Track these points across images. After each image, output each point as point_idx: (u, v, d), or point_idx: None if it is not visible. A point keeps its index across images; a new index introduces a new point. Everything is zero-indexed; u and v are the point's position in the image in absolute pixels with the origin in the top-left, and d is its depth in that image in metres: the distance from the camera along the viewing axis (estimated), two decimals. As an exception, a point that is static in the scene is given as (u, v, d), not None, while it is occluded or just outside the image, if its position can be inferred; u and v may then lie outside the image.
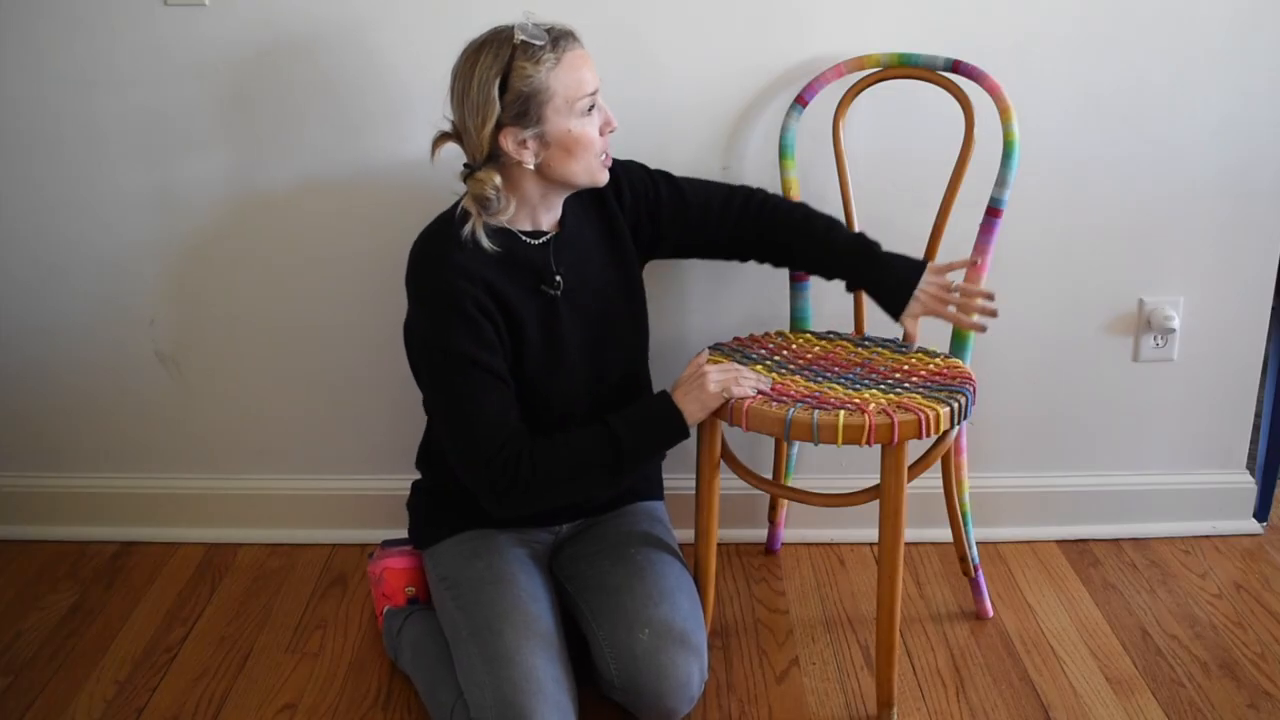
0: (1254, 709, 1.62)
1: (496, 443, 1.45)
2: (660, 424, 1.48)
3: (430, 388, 1.53)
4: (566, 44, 1.43)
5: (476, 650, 1.46)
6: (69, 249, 1.91)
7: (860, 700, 1.66)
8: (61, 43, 1.78)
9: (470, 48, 1.44)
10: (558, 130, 1.43)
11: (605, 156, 1.51)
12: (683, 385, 1.50)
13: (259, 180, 1.86)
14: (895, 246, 1.84)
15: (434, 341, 1.47)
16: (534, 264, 1.53)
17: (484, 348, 1.46)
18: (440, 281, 1.46)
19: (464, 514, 1.65)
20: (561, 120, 1.43)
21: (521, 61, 1.39)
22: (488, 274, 1.47)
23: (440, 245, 1.49)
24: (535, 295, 1.53)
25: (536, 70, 1.40)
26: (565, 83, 1.42)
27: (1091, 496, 2.04)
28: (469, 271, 1.46)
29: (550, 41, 1.41)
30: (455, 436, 1.49)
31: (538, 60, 1.40)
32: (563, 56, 1.41)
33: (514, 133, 1.42)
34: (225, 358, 1.98)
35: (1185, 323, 1.94)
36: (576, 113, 1.44)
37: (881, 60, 1.72)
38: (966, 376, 1.57)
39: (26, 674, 1.73)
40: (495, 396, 1.47)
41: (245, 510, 2.07)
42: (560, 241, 1.55)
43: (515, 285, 1.50)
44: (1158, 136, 1.84)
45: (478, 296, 1.46)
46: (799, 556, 2.02)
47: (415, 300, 1.52)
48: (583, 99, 1.44)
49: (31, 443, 2.06)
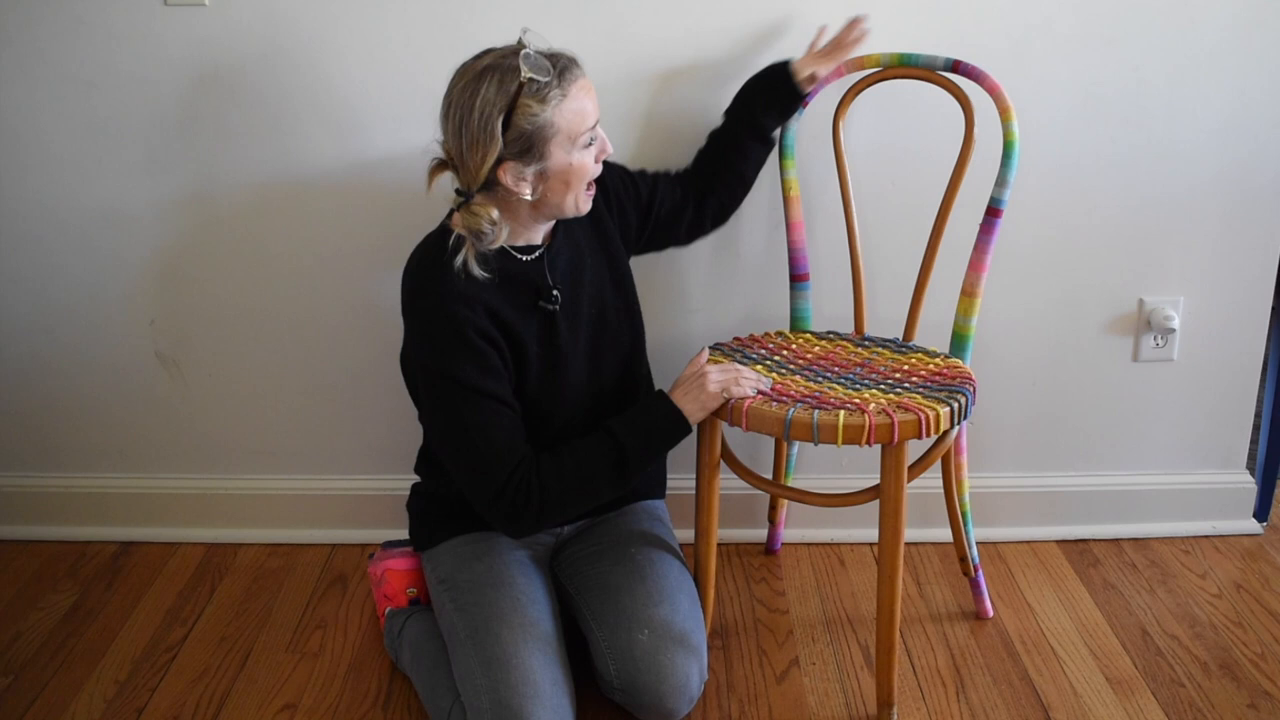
0: (1254, 709, 1.62)
1: (506, 471, 1.45)
2: (662, 426, 1.49)
3: (435, 416, 1.49)
4: (570, 76, 1.39)
5: (474, 652, 1.46)
6: (69, 249, 1.91)
7: (860, 700, 1.66)
8: (62, 43, 1.78)
9: (469, 75, 1.38)
10: (559, 165, 1.41)
11: (590, 185, 1.49)
12: (682, 385, 1.51)
13: (259, 180, 1.86)
14: (896, 246, 1.85)
15: (439, 372, 1.44)
16: (530, 281, 1.51)
17: (490, 376, 1.45)
18: (442, 311, 1.44)
19: (463, 516, 1.64)
20: (563, 155, 1.41)
21: (527, 99, 1.35)
22: (487, 298, 1.45)
23: (437, 273, 1.45)
24: (534, 312, 1.52)
25: (543, 109, 1.36)
26: (570, 119, 1.39)
27: (1091, 496, 2.04)
28: (468, 298, 1.44)
29: (556, 75, 1.37)
30: (464, 467, 1.47)
31: (544, 99, 1.36)
32: (568, 90, 1.38)
33: (514, 168, 1.40)
34: (225, 358, 1.98)
35: (1185, 323, 1.94)
36: (579, 146, 1.42)
37: (881, 60, 1.72)
38: (966, 376, 1.57)
39: (26, 674, 1.73)
40: (503, 424, 1.46)
41: (245, 510, 2.07)
42: (552, 254, 1.54)
43: (513, 306, 1.49)
44: (1158, 136, 1.84)
45: (479, 323, 1.44)
46: (799, 556, 2.02)
47: (417, 332, 1.48)
48: (585, 133, 1.42)
49: (31, 442, 2.06)
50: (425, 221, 1.58)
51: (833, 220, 1.82)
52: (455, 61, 1.41)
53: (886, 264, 1.86)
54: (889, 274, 1.86)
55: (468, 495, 1.49)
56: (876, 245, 1.85)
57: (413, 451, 1.77)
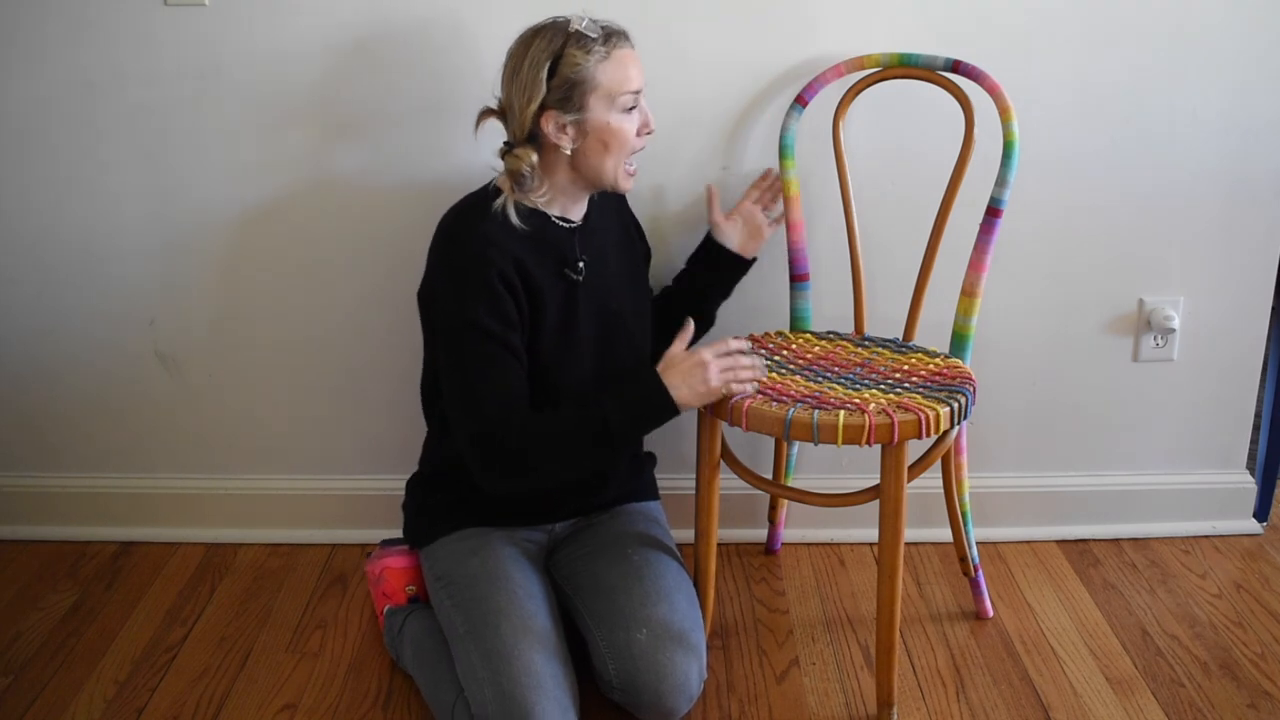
0: (1254, 709, 1.62)
1: (496, 415, 1.47)
2: (650, 407, 1.48)
3: (444, 351, 1.53)
4: (618, 41, 1.48)
5: (475, 647, 1.46)
6: (69, 249, 1.91)
7: (860, 700, 1.66)
8: (62, 43, 1.78)
9: (527, 32, 1.49)
10: (598, 121, 1.47)
11: (633, 166, 1.54)
12: (678, 369, 1.49)
13: (259, 180, 1.86)
14: (896, 246, 1.85)
15: (456, 311, 1.48)
16: (560, 247, 1.55)
17: (503, 322, 1.48)
18: (470, 251, 1.48)
19: (459, 512, 1.65)
20: (602, 112, 1.47)
21: (573, 49, 1.45)
22: (516, 249, 1.50)
23: (473, 217, 1.52)
24: (559, 279, 1.55)
25: (586, 59, 1.44)
26: (611, 76, 1.46)
27: (1091, 496, 2.04)
28: (499, 244, 1.49)
29: (603, 36, 1.46)
30: (461, 404, 1.50)
31: (588, 50, 1.45)
32: (613, 52, 1.46)
33: (555, 116, 1.47)
34: (225, 358, 1.98)
35: (1185, 323, 1.94)
36: (618, 107, 1.48)
37: (881, 60, 1.72)
38: (966, 376, 1.57)
39: (26, 674, 1.73)
40: (506, 372, 1.49)
41: (245, 510, 2.07)
42: (585, 230, 1.59)
43: (541, 266, 1.53)
44: (1158, 136, 1.84)
45: (504, 270, 1.48)
46: (799, 556, 2.02)
47: (441, 268, 1.53)
48: (625, 95, 1.48)
49: (31, 443, 2.06)
50: (426, 222, 1.58)
51: (833, 220, 1.82)
52: (456, 61, 1.42)
53: (886, 264, 1.86)
54: (889, 274, 1.86)
55: (455, 432, 1.52)
56: (876, 245, 1.85)
57: (413, 451, 1.77)
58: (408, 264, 1.77)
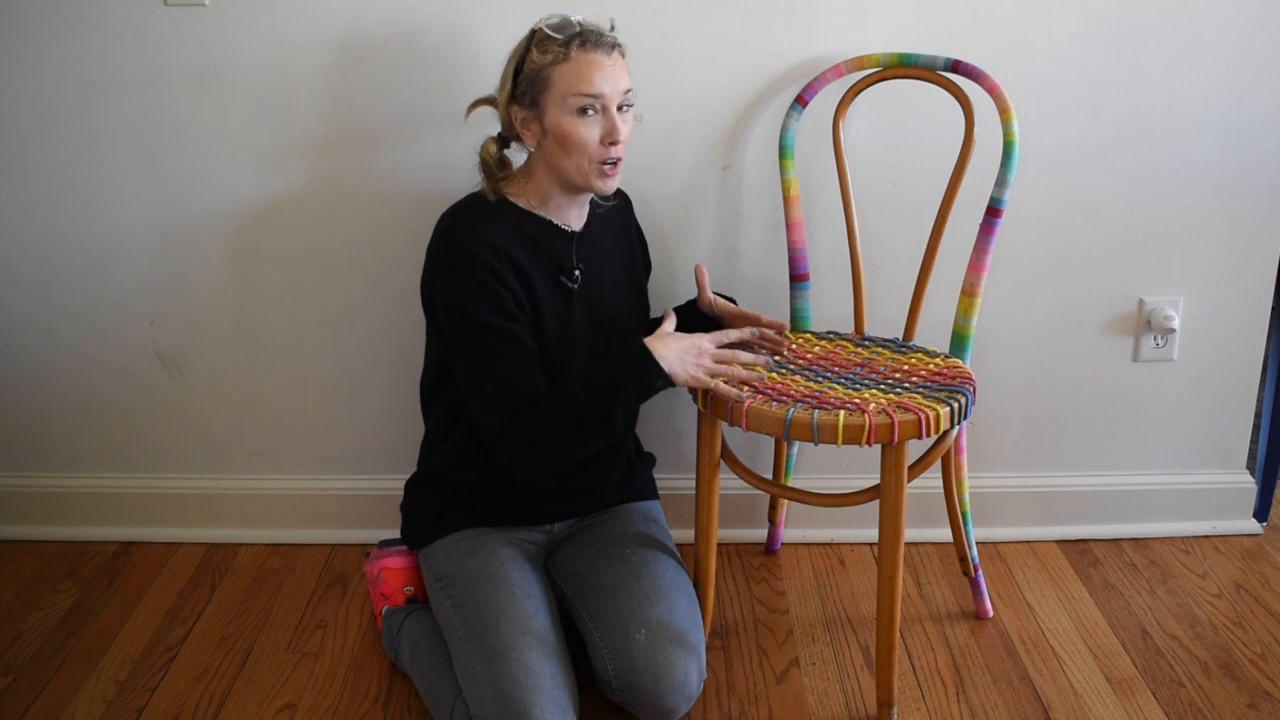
0: (1254, 709, 1.62)
1: (510, 405, 1.47)
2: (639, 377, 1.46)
3: (453, 350, 1.54)
4: (586, 45, 1.47)
5: (474, 647, 1.46)
6: (69, 249, 1.91)
7: (860, 700, 1.66)
8: (61, 43, 1.78)
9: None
10: (551, 121, 1.49)
11: (607, 166, 1.51)
12: (671, 346, 1.47)
13: (259, 180, 1.86)
14: (896, 247, 1.85)
15: (458, 308, 1.50)
16: (557, 253, 1.56)
17: (505, 315, 1.49)
18: (463, 248, 1.49)
19: (458, 513, 1.65)
20: (555, 112, 1.48)
21: (534, 48, 1.48)
22: (513, 250, 1.51)
23: (469, 215, 1.54)
24: (555, 286, 1.56)
25: (543, 59, 1.47)
26: (565, 78, 1.46)
27: (1091, 496, 2.04)
28: (494, 243, 1.50)
29: (567, 38, 1.46)
30: (479, 401, 1.51)
31: (546, 50, 1.47)
32: (574, 54, 1.46)
33: (519, 112, 1.51)
34: (225, 357, 1.98)
35: (1185, 323, 1.94)
36: (568, 109, 1.47)
37: (881, 60, 1.72)
38: (966, 376, 1.57)
39: (26, 674, 1.73)
40: (516, 361, 1.49)
41: (245, 510, 2.07)
42: (583, 238, 1.59)
43: (538, 270, 1.53)
44: (1158, 136, 1.84)
45: (499, 267, 1.49)
46: (799, 556, 2.02)
47: (439, 266, 1.54)
48: (575, 97, 1.46)
49: (32, 442, 2.06)
50: (426, 222, 1.58)
51: (833, 220, 1.82)
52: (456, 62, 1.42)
53: (886, 264, 1.87)
54: (889, 274, 1.86)
55: (481, 431, 1.53)
56: (876, 245, 1.85)
57: (412, 452, 1.77)
58: (407, 264, 1.77)
